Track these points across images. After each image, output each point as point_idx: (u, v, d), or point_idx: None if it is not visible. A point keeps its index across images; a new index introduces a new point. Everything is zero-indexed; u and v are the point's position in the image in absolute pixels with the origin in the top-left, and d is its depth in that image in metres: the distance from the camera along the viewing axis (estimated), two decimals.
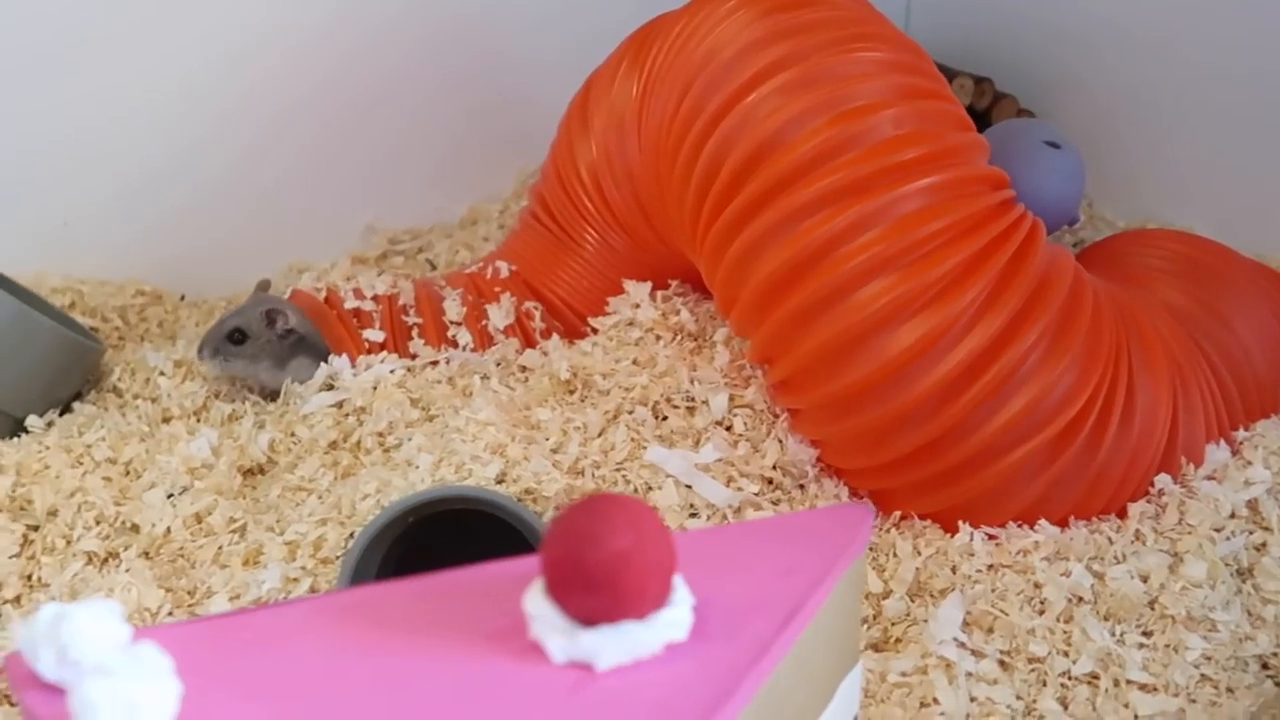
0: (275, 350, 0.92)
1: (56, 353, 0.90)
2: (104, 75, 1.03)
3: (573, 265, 0.98)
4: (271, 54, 1.10)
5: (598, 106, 0.93)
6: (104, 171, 1.07)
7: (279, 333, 0.92)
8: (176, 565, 0.77)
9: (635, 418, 0.84)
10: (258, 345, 0.92)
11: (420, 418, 0.87)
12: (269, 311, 0.92)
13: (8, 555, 0.77)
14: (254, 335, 0.92)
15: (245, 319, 0.92)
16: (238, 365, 0.92)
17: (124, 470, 0.84)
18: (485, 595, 0.50)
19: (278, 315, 0.91)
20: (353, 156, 1.17)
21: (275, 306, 0.92)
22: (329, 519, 0.76)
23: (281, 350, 0.92)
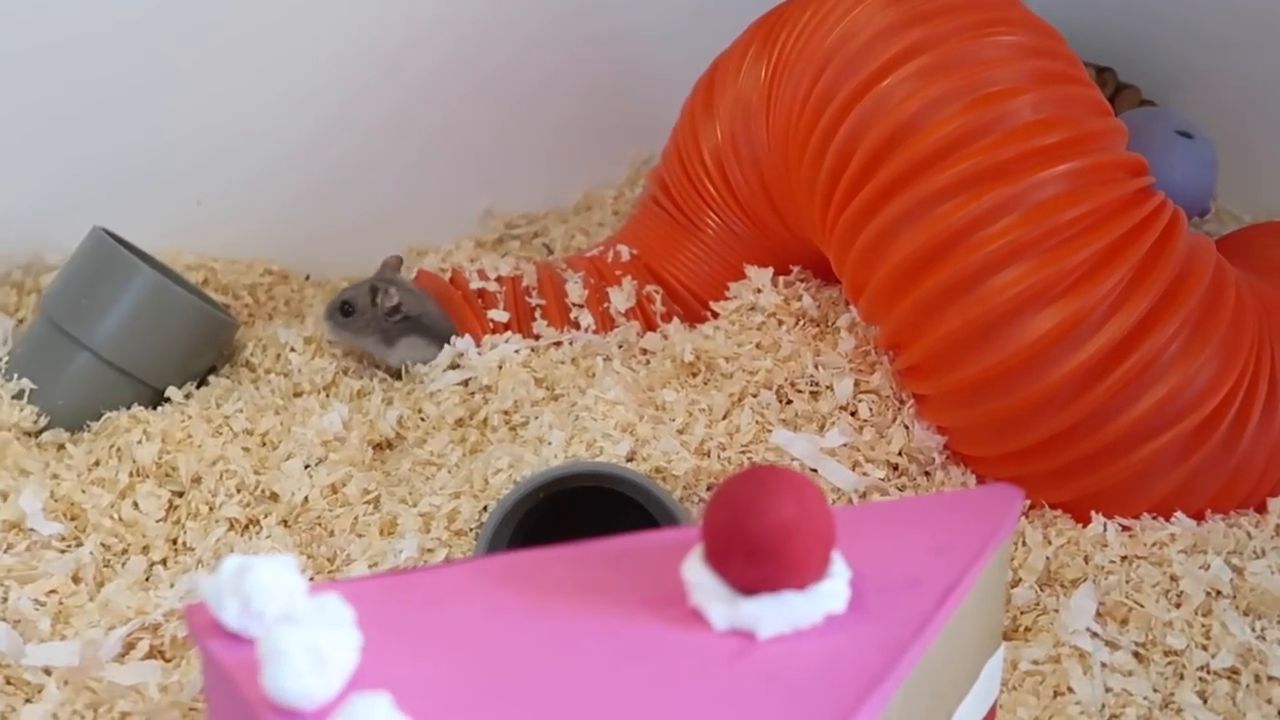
0: (381, 327, 0.94)
1: (194, 326, 0.93)
2: (238, 63, 1.06)
3: (693, 249, 0.98)
4: (393, 42, 1.12)
5: (723, 91, 0.93)
6: (235, 155, 1.10)
7: (384, 311, 0.94)
8: (314, 533, 0.79)
9: (759, 401, 0.84)
10: (363, 320, 0.94)
11: (545, 397, 0.88)
12: (373, 287, 0.94)
13: (154, 519, 0.79)
14: (360, 310, 0.94)
15: (355, 293, 0.95)
16: (345, 335, 0.95)
17: (260, 441, 0.86)
18: (642, 563, 0.51)
19: (379, 292, 0.94)
20: (471, 142, 1.19)
21: (381, 284, 0.94)
22: (462, 492, 0.78)
23: (389, 328, 0.94)
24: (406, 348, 0.95)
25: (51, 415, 0.89)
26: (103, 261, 0.91)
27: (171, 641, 0.68)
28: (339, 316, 0.95)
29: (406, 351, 0.95)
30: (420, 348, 0.95)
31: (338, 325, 0.95)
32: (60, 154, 1.03)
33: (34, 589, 0.72)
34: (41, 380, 0.90)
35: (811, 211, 0.84)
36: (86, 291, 0.90)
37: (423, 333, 0.95)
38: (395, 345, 0.95)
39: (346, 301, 0.95)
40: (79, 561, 0.74)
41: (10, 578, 0.72)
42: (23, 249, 1.04)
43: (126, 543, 0.78)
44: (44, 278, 1.02)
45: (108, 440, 0.85)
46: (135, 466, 0.82)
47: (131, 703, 0.63)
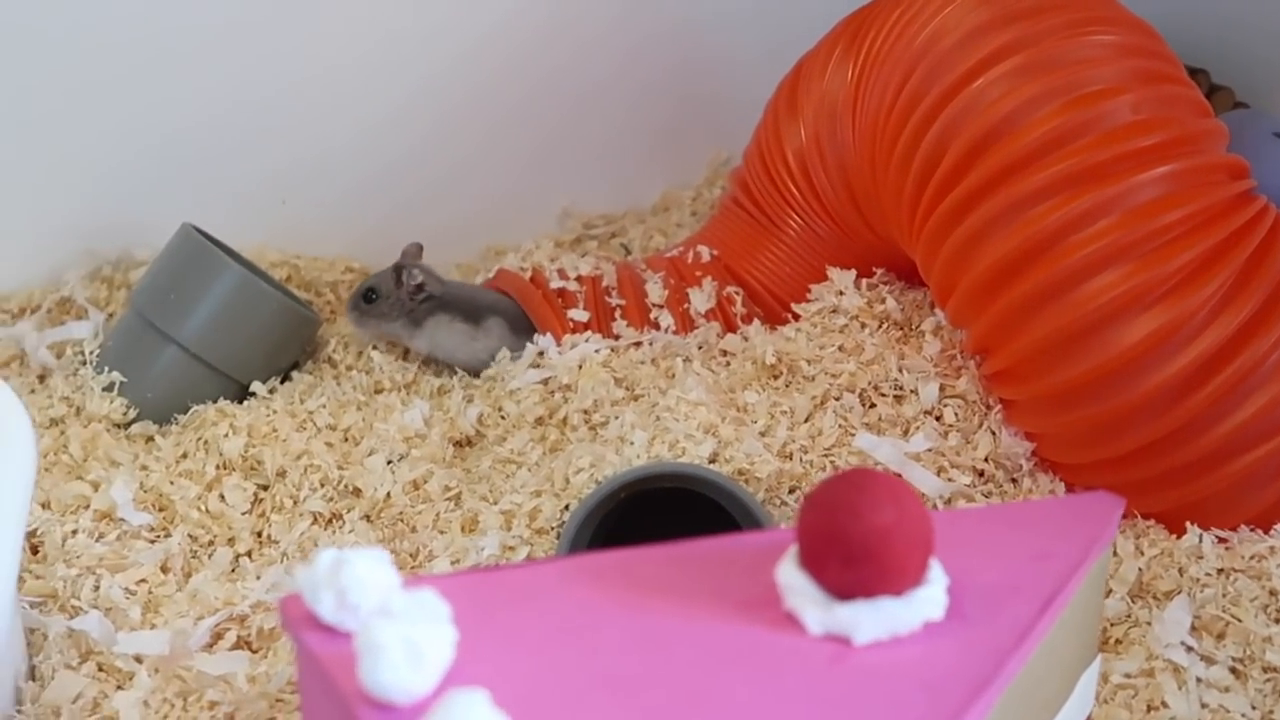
0: (407, 309, 0.95)
1: (280, 322, 0.94)
2: (319, 64, 1.07)
3: (774, 250, 0.97)
4: (471, 40, 1.12)
5: (808, 91, 0.93)
6: (319, 152, 1.11)
7: (408, 290, 0.95)
8: (397, 529, 0.79)
9: (843, 404, 0.83)
10: (388, 304, 0.95)
11: (625, 397, 0.88)
12: (396, 268, 0.95)
13: (240, 512, 0.80)
14: (384, 294, 0.95)
15: (378, 279, 0.97)
16: (371, 323, 0.96)
17: (343, 436, 0.87)
18: (735, 565, 0.51)
19: (404, 271, 0.94)
20: (550, 141, 1.19)
21: (404, 264, 0.95)
22: (543, 491, 0.78)
23: (416, 309, 0.95)
24: (434, 326, 0.95)
25: (140, 408, 0.91)
26: (191, 257, 0.93)
27: (258, 633, 0.69)
28: (363, 304, 0.96)
29: (435, 330, 0.95)
30: (446, 324, 0.95)
31: (362, 314, 0.96)
32: (150, 151, 1.05)
33: (124, 578, 0.73)
34: (131, 373, 0.91)
35: (898, 213, 0.83)
36: (175, 287, 0.92)
37: (448, 309, 0.95)
38: (423, 326, 0.95)
39: (370, 288, 0.96)
40: (168, 552, 0.75)
41: (102, 566, 0.73)
42: (112, 245, 1.06)
43: (213, 534, 0.79)
44: (133, 273, 1.04)
45: (195, 433, 0.86)
46: (222, 459, 0.83)
47: (220, 693, 0.63)
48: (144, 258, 1.05)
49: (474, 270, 1.17)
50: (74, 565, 0.73)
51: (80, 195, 1.04)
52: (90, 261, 1.05)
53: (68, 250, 1.05)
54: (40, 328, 0.98)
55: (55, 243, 1.04)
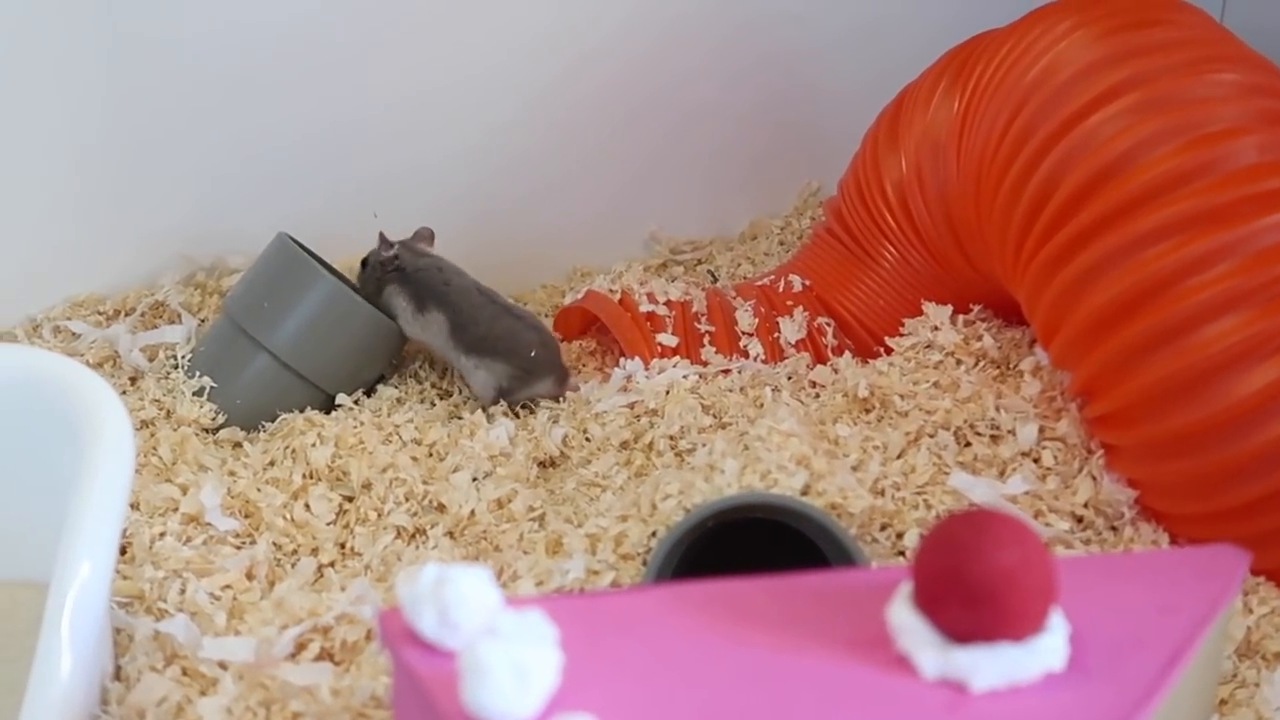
0: (375, 276, 0.97)
1: (369, 334, 0.94)
2: (415, 81, 1.08)
3: (868, 282, 0.96)
4: (565, 64, 1.12)
5: (910, 122, 0.91)
6: (412, 169, 1.12)
7: (382, 257, 0.96)
8: (480, 547, 0.79)
9: (937, 442, 0.82)
10: (368, 271, 0.97)
11: (712, 424, 0.87)
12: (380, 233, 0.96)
13: (325, 522, 0.80)
14: (370, 263, 0.97)
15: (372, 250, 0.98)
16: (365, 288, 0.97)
17: (428, 451, 0.87)
18: (844, 601, 0.49)
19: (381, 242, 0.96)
20: (640, 166, 1.19)
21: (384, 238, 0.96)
22: (629, 515, 0.77)
23: (381, 277, 0.96)
24: (387, 296, 0.96)
25: (229, 413, 0.91)
26: (286, 266, 0.93)
27: (342, 645, 0.68)
28: (360, 270, 0.98)
29: (388, 301, 0.96)
30: (394, 295, 0.96)
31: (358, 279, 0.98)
32: (248, 160, 1.06)
33: (210, 583, 0.73)
34: (221, 379, 0.92)
35: (1003, 250, 0.81)
36: (269, 295, 0.92)
37: (403, 282, 0.96)
38: (381, 294, 0.96)
39: (365, 258, 0.98)
40: (253, 559, 0.75)
41: (189, 570, 0.73)
42: (206, 251, 1.07)
43: (297, 543, 0.79)
44: (226, 280, 1.05)
45: (283, 441, 0.86)
46: (309, 469, 0.83)
47: (304, 703, 0.63)
48: (238, 265, 1.06)
49: (559, 291, 1.17)
50: (161, 567, 0.73)
51: (178, 201, 1.05)
52: (185, 267, 1.06)
53: (164, 255, 1.06)
54: (134, 330, 0.99)
55: (152, 247, 1.06)
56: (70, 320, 1.01)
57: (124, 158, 1.01)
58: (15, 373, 0.67)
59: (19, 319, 1.02)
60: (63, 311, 1.02)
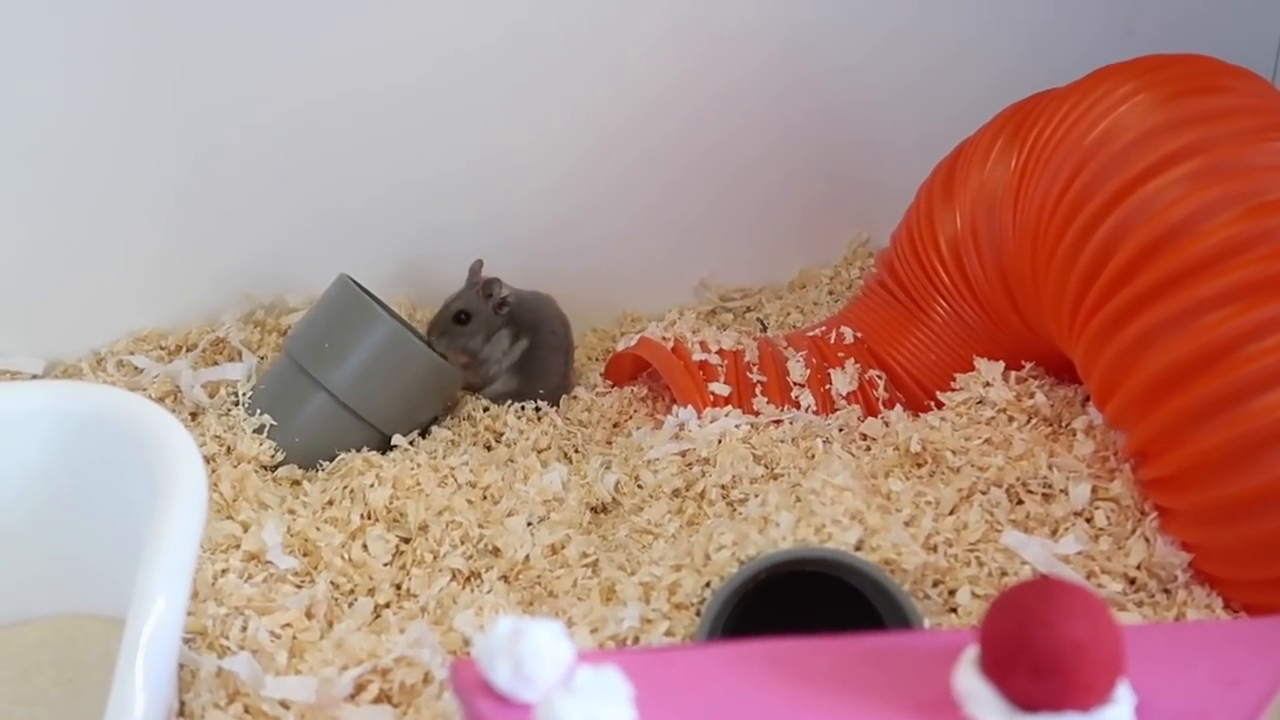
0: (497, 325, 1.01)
1: (426, 376, 0.96)
2: (470, 134, 1.10)
3: (919, 336, 0.97)
4: (620, 113, 1.14)
5: (966, 178, 0.92)
6: (464, 216, 1.13)
7: (495, 304, 0.99)
8: (534, 592, 0.80)
9: (989, 499, 0.82)
10: (479, 321, 1.00)
11: (764, 475, 0.88)
12: (486, 283, 1.00)
13: (382, 563, 0.81)
14: (476, 312, 1.00)
15: (466, 299, 1.00)
16: (470, 343, 1.00)
17: (482, 494, 0.88)
18: (905, 664, 0.50)
19: (494, 284, 0.99)
20: (691, 213, 1.20)
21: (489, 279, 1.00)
22: (683, 565, 0.78)
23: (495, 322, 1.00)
24: (497, 341, 1.01)
25: (287, 451, 0.93)
26: (347, 307, 0.95)
27: (400, 688, 0.69)
28: (455, 328, 1.00)
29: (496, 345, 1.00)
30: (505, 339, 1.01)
31: (455, 337, 1.00)
32: (307, 204, 1.08)
33: (271, 621, 0.74)
34: (280, 417, 0.94)
35: (1059, 310, 0.82)
36: (330, 335, 0.94)
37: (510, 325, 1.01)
38: (492, 339, 1.00)
39: (461, 311, 1.00)
40: (313, 598, 0.76)
41: (250, 608, 0.75)
42: (266, 290, 1.09)
43: (354, 583, 0.80)
44: (285, 318, 1.07)
45: (341, 481, 0.88)
46: (367, 509, 0.84)
47: None
48: (296, 304, 1.08)
49: (610, 335, 1.18)
50: (224, 604, 0.74)
51: (240, 240, 1.07)
52: (245, 304, 1.08)
53: (225, 293, 1.08)
54: (195, 366, 1.01)
55: (213, 285, 1.08)
56: (133, 355, 1.03)
57: (189, 198, 1.04)
58: (90, 409, 0.69)
59: (83, 352, 1.04)
60: (126, 346, 1.04)
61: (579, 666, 0.44)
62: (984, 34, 1.20)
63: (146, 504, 0.66)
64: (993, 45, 1.20)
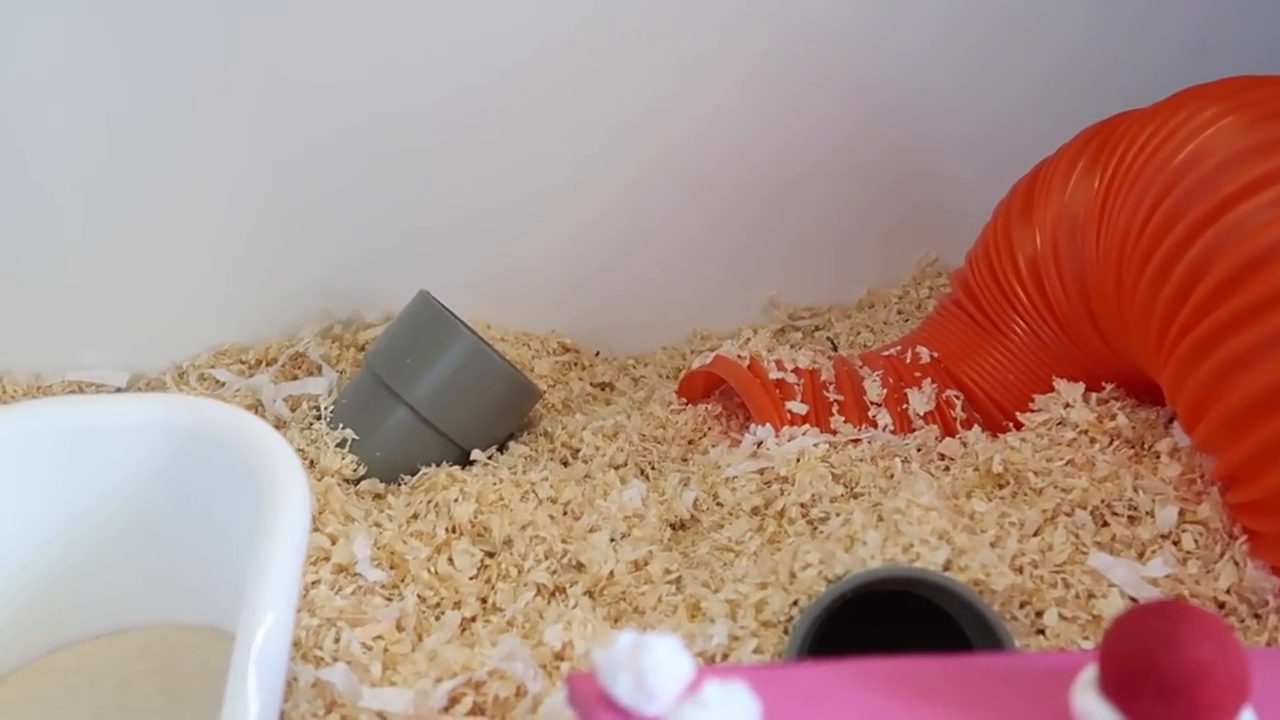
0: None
1: (506, 392, 0.97)
2: (540, 149, 1.11)
3: (996, 356, 0.97)
4: (689, 130, 1.15)
5: (1045, 198, 0.92)
6: (534, 232, 1.15)
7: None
8: (620, 608, 0.80)
9: (1074, 521, 0.82)
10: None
11: (843, 494, 0.88)
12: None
13: (468, 576, 0.82)
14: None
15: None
16: None
17: (563, 510, 0.89)
18: (1021, 684, 0.50)
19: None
20: (761, 232, 1.21)
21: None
22: (769, 583, 0.78)
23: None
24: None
25: (369, 465, 0.94)
26: (428, 323, 0.96)
27: (494, 700, 0.70)
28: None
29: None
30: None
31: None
32: (385, 223, 1.10)
33: (362, 632, 0.75)
34: (362, 431, 0.95)
35: (1145, 333, 0.81)
36: (411, 351, 0.95)
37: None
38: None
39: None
40: (403, 610, 0.77)
41: (342, 619, 0.76)
42: (344, 305, 1.11)
43: (441, 596, 0.81)
44: (362, 334, 1.09)
45: (425, 495, 0.89)
46: (451, 523, 0.85)
47: None
48: (372, 319, 1.10)
49: (680, 353, 1.19)
50: (317, 615, 0.75)
51: (320, 257, 1.09)
52: (323, 320, 1.10)
53: (304, 308, 1.10)
54: (276, 380, 1.03)
55: (292, 300, 1.10)
56: (215, 369, 1.05)
57: (269, 214, 1.06)
58: (195, 422, 0.70)
59: (165, 366, 1.07)
60: (207, 360, 1.06)
61: (708, 681, 0.45)
62: (1055, 57, 1.20)
63: (248, 517, 0.67)
64: (1063, 68, 1.20)
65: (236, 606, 0.68)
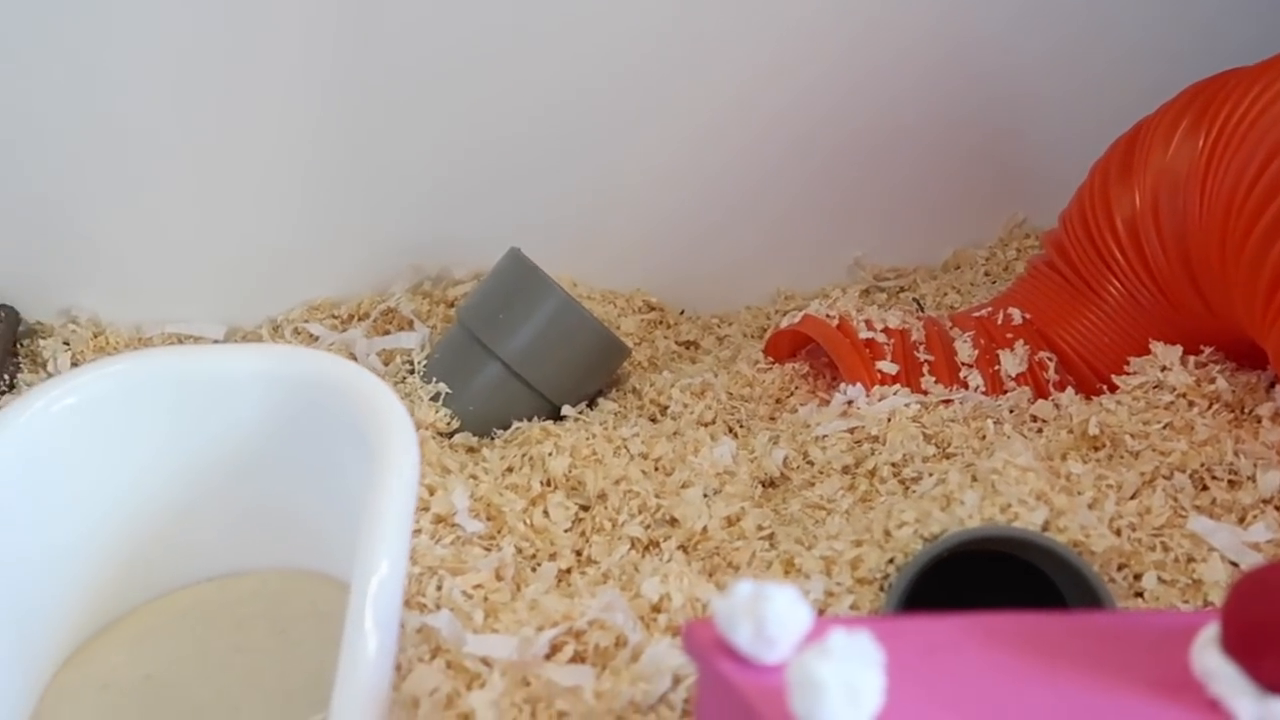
0: None
1: (596, 348, 0.98)
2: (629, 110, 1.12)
3: (1091, 318, 0.96)
4: (778, 95, 1.15)
5: (1146, 157, 0.91)
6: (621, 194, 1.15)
7: None
8: (714, 562, 0.81)
9: (1173, 484, 0.81)
10: None
11: (935, 454, 0.88)
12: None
13: (563, 529, 0.84)
14: None
15: None
16: None
17: (654, 465, 0.90)
18: (1138, 642, 0.50)
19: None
20: (848, 192, 1.21)
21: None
22: (864, 540, 0.78)
23: None
24: None
25: (462, 419, 0.95)
26: (520, 279, 0.97)
27: (594, 649, 0.71)
28: None
29: None
30: None
31: None
32: (474, 180, 1.11)
33: (463, 581, 0.76)
34: (455, 385, 0.96)
35: (1250, 296, 0.80)
36: (504, 307, 0.96)
37: None
38: None
39: None
40: (501, 560, 0.79)
41: (443, 568, 0.77)
42: (433, 262, 1.12)
43: (537, 548, 0.82)
44: (451, 290, 1.10)
45: (519, 449, 0.90)
46: (546, 476, 0.87)
47: (568, 703, 0.66)
48: (461, 276, 1.11)
49: (764, 313, 1.19)
50: (419, 564, 0.77)
51: (409, 214, 1.11)
52: (413, 276, 1.12)
53: (394, 265, 1.12)
54: (368, 335, 1.05)
55: (384, 257, 1.11)
56: (308, 323, 1.07)
57: (362, 172, 1.07)
58: (306, 372, 0.72)
59: (260, 320, 1.09)
60: (300, 314, 1.08)
61: (832, 629, 0.45)
62: (1152, 14, 1.17)
63: (356, 466, 0.69)
64: (1160, 24, 1.18)
65: (344, 552, 0.70)
